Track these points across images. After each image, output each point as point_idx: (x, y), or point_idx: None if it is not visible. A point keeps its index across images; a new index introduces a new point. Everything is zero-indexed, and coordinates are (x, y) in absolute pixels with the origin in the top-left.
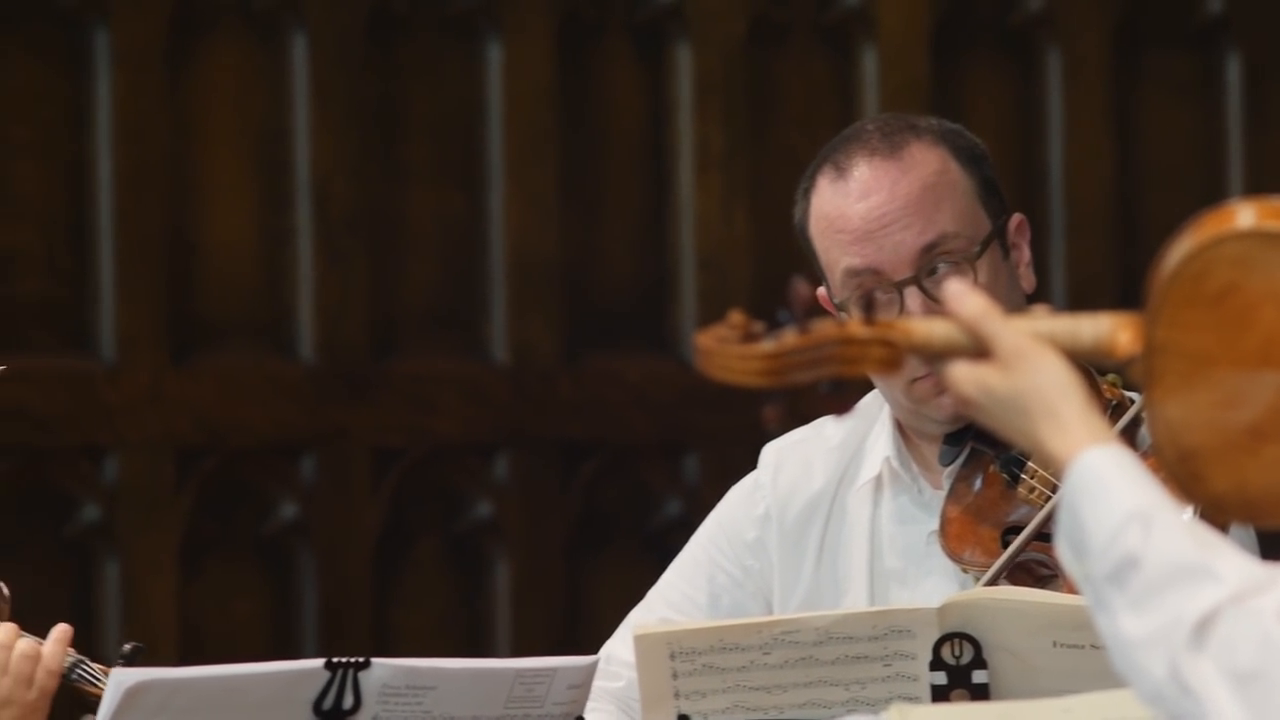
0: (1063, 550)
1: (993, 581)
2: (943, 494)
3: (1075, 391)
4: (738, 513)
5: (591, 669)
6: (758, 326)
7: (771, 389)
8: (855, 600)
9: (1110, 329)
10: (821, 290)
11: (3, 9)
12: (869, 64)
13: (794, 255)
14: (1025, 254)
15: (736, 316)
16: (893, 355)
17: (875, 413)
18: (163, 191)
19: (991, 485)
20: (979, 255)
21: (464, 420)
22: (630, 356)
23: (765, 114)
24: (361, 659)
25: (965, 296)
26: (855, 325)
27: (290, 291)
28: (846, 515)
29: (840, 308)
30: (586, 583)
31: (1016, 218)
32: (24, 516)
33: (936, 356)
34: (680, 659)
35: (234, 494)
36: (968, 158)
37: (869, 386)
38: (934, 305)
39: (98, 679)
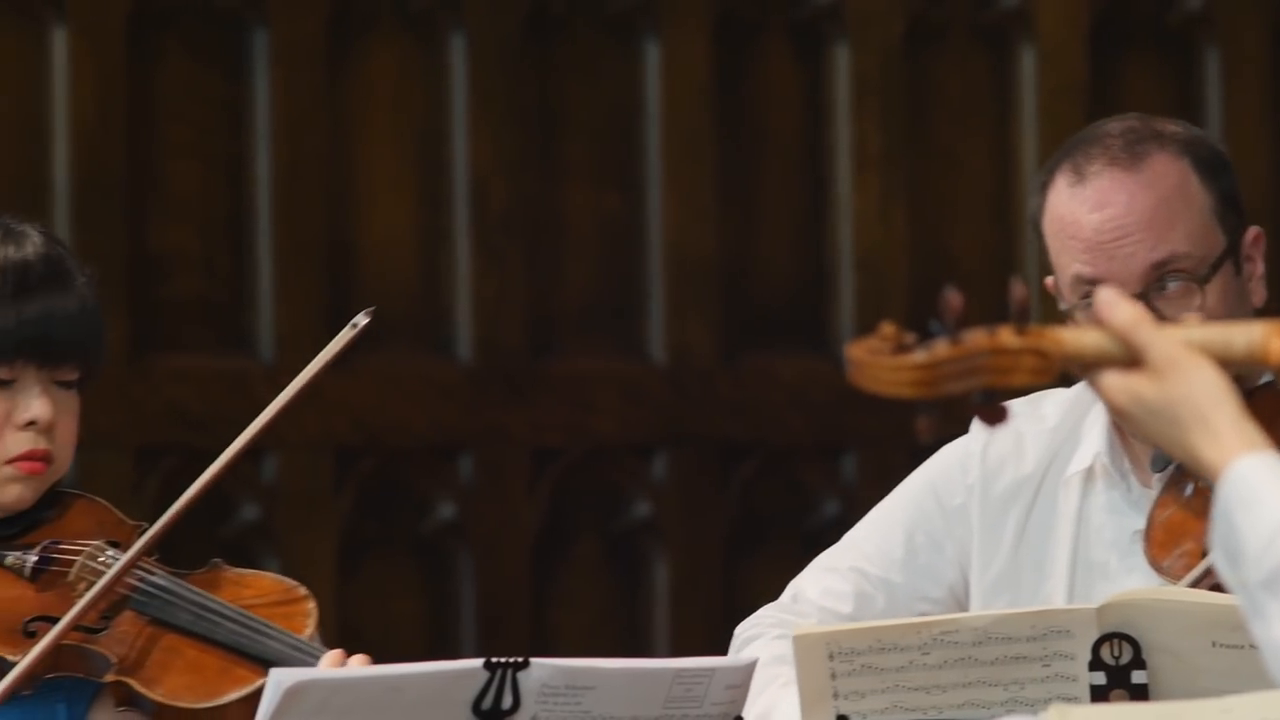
0: (1218, 558)
1: None
2: (1152, 493)
3: (1228, 400)
4: (947, 476)
5: (750, 670)
6: (909, 338)
7: (924, 400)
8: (1055, 588)
9: (1263, 336)
10: (1050, 280)
11: (162, 9)
12: (1027, 64)
13: (951, 254)
14: (1259, 267)
15: (888, 328)
16: (1045, 365)
17: (1090, 399)
18: (321, 191)
19: (1201, 495)
20: (1208, 278)
21: (622, 420)
22: (787, 356)
23: (923, 114)
24: (520, 659)
25: (1116, 305)
26: (1007, 335)
27: (448, 291)
28: (1054, 502)
29: (1068, 313)
30: (744, 582)
31: (1253, 231)
32: (187, 513)
33: (1088, 366)
34: (839, 659)
35: (392, 494)
36: (1209, 170)
37: (1020, 395)
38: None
39: None
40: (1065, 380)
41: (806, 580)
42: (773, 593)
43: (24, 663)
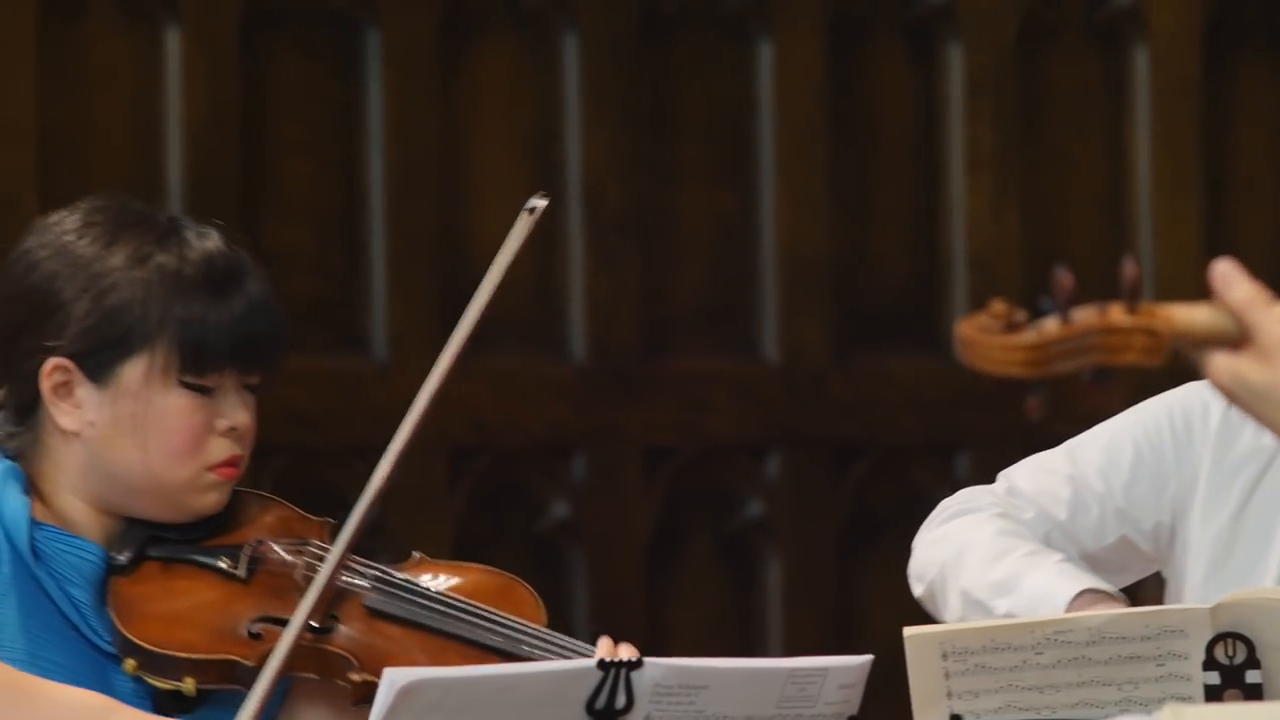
0: None
1: None
2: None
3: None
4: (1187, 414)
5: (864, 669)
6: (1020, 316)
7: (1034, 379)
8: (1269, 568)
9: None
10: None
11: (274, 9)
12: (1140, 63)
13: (1063, 254)
14: None
15: (999, 306)
16: (1156, 344)
17: None
18: (433, 191)
19: None
20: None
21: (735, 419)
22: (900, 356)
23: (1036, 113)
24: (634, 658)
25: (1234, 281)
26: (1118, 314)
27: (562, 291)
28: None
29: None
30: (856, 582)
31: None
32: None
33: (1199, 344)
34: (953, 659)
35: (506, 493)
36: None
37: (1133, 375)
38: None
39: None
40: (1177, 359)
41: (1021, 476)
42: (884, 593)
43: (276, 659)
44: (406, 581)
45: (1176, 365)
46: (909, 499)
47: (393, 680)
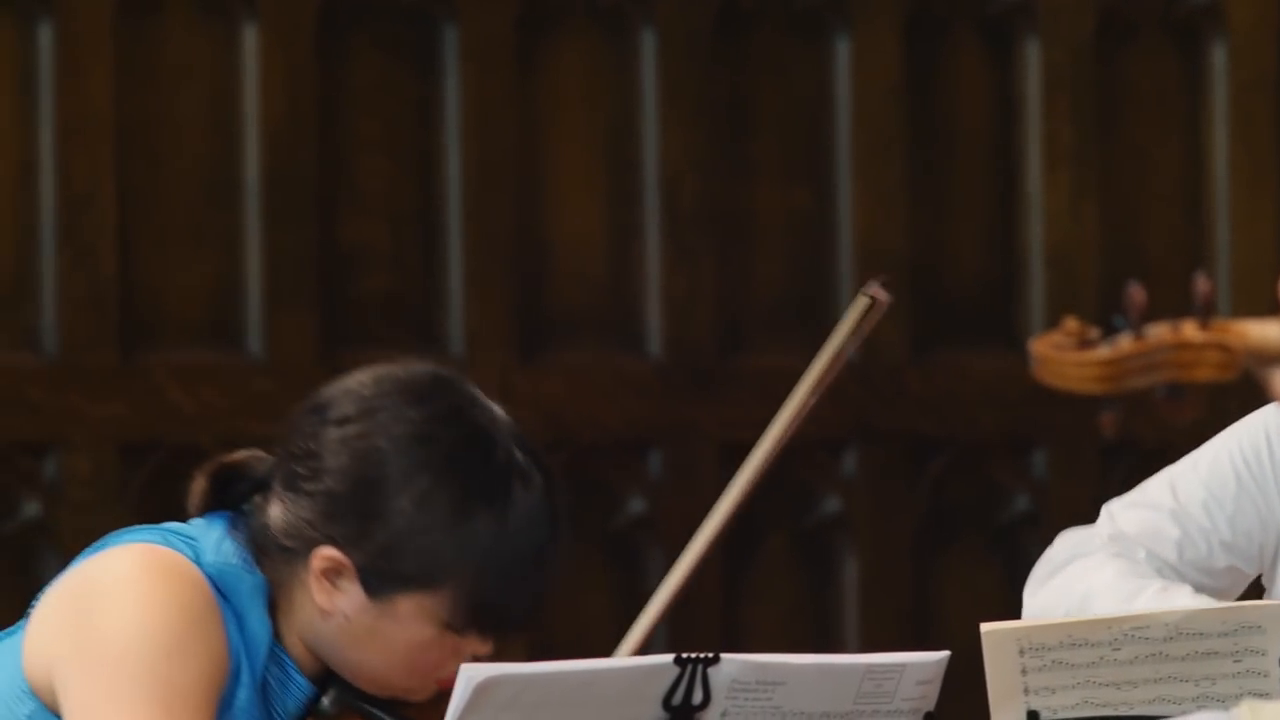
0: None
1: None
2: None
3: None
4: None
5: (941, 665)
6: (1093, 333)
7: (1108, 395)
8: None
9: None
10: None
11: (352, 6)
12: (1218, 58)
13: (1141, 250)
14: None
15: (1072, 323)
16: (1229, 359)
17: None
18: (511, 187)
19: None
20: None
21: (812, 416)
22: (977, 352)
23: (1114, 110)
24: (711, 654)
25: None
26: (1191, 330)
27: (639, 287)
28: None
29: None
30: (933, 578)
31: None
32: None
33: (1270, 361)
34: (1029, 655)
35: (583, 489)
36: None
37: (1206, 390)
38: None
39: None
40: (1249, 375)
41: (1125, 516)
42: (962, 589)
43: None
44: None
45: (1251, 380)
46: (986, 495)
47: (470, 677)
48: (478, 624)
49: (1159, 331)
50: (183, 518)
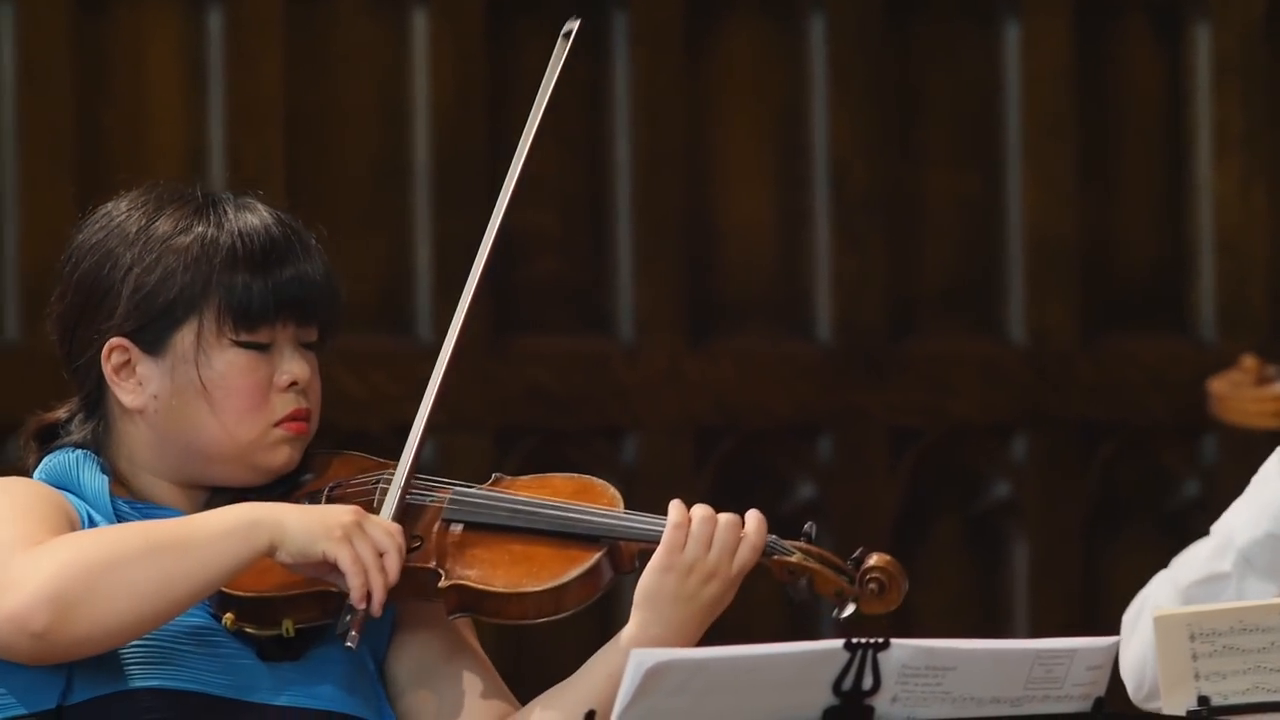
0: None
1: None
2: None
3: None
4: None
5: (1112, 650)
6: (1271, 370)
7: None
8: None
9: None
10: None
11: None
12: None
13: None
14: None
15: (1249, 360)
16: None
17: None
18: (680, 173)
19: None
20: None
21: (982, 401)
22: (1147, 337)
23: None
24: (881, 639)
25: None
26: None
27: (808, 273)
28: None
29: None
30: (1103, 564)
31: None
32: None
33: None
34: (1200, 640)
35: (751, 474)
36: None
37: None
38: None
39: (789, 550)
40: None
41: (1178, 563)
42: (1131, 575)
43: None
44: (482, 492)
45: None
46: (1156, 481)
47: (641, 661)
48: (248, 320)
49: None
50: None
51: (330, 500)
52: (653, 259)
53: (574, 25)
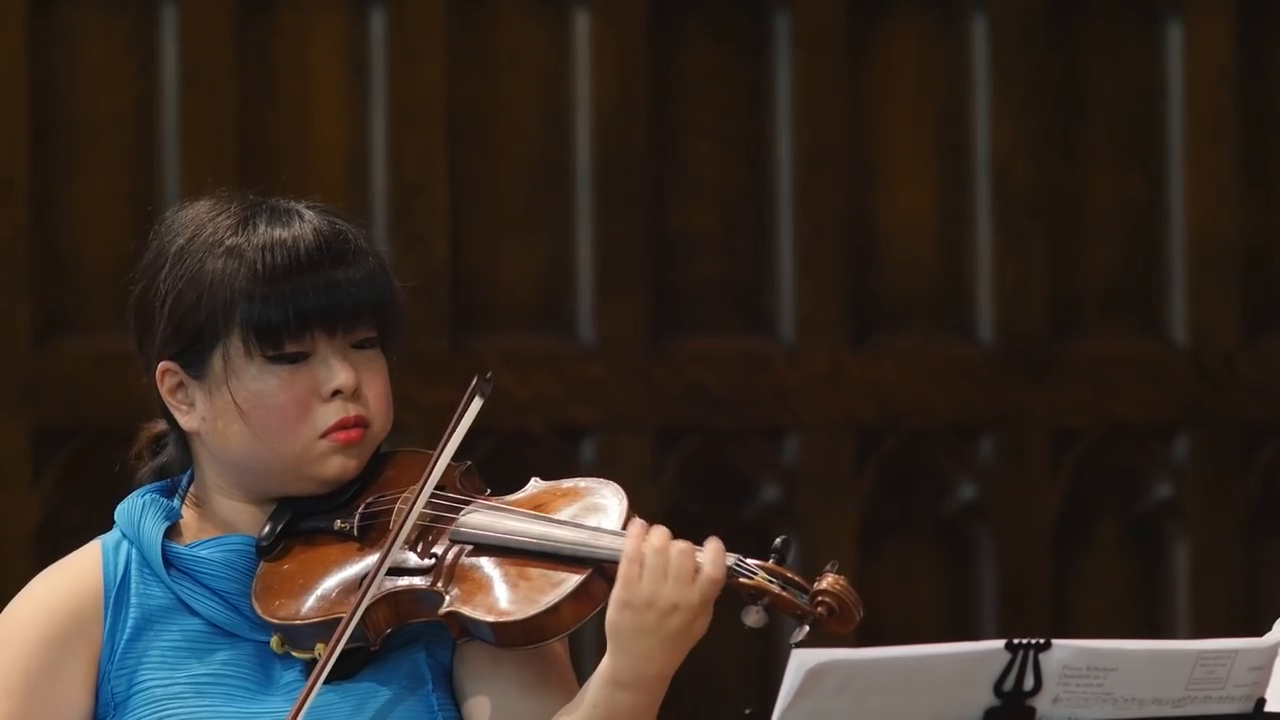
0: None
1: None
2: None
3: None
4: None
5: (1274, 651)
6: None
7: None
8: None
9: None
10: None
11: None
12: None
13: None
14: None
15: None
16: None
17: None
18: (842, 173)
19: None
20: None
21: (1143, 401)
22: None
23: None
24: (1042, 640)
25: None
26: None
27: (969, 273)
28: None
29: None
30: (1265, 565)
31: None
32: (707, 494)
33: None
34: None
35: (913, 475)
36: None
37: None
38: None
39: (752, 571)
40: None
41: None
42: None
43: (351, 615)
44: (489, 508)
45: None
46: None
47: (802, 662)
48: (274, 337)
49: None
50: None
51: (365, 515)
52: (814, 260)
53: (490, 375)
